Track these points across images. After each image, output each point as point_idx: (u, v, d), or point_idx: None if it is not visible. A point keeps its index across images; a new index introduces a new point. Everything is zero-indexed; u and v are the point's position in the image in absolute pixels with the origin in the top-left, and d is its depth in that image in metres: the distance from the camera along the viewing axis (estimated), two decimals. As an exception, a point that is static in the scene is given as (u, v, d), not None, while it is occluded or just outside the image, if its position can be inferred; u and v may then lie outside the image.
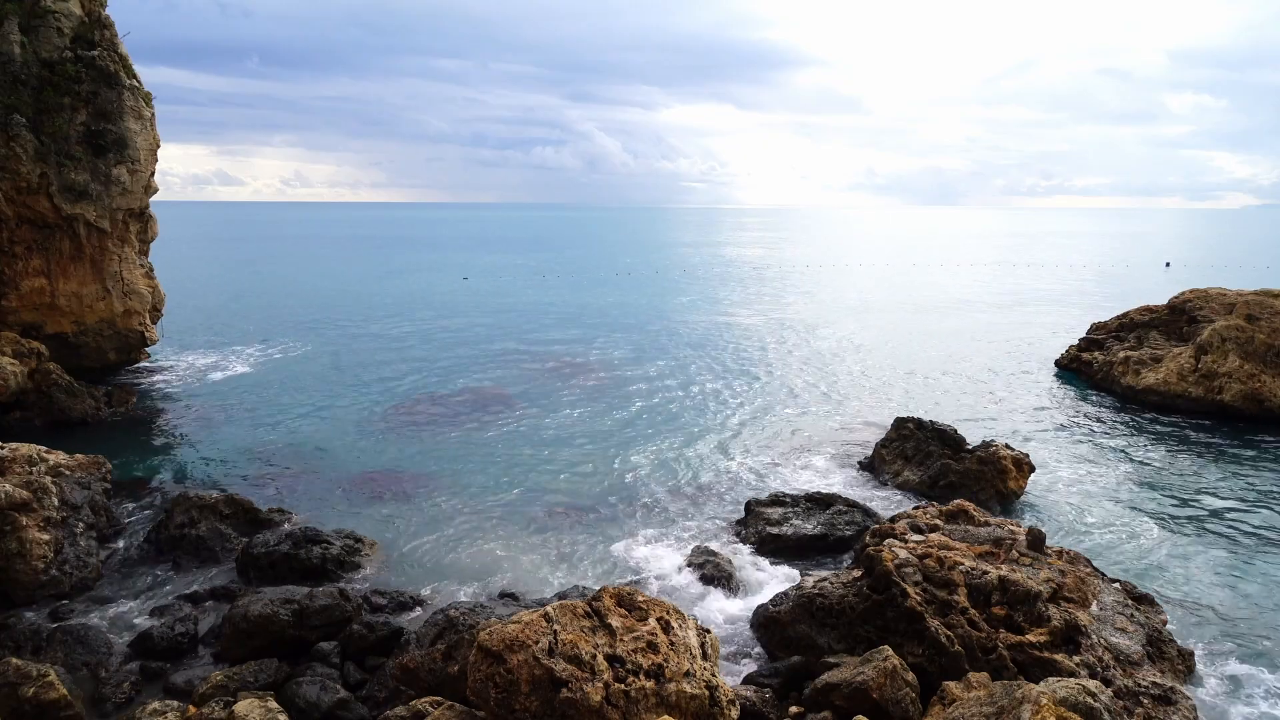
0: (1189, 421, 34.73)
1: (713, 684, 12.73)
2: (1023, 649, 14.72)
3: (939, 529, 18.52)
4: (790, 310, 69.94)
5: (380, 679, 15.72)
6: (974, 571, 16.10)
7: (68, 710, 14.35)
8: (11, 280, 36.64)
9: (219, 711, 13.71)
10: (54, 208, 36.14)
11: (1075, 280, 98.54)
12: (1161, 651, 15.86)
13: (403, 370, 44.28)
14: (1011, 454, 26.37)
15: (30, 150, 34.92)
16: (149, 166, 39.22)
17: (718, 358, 48.39)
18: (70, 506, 21.09)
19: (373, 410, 36.09)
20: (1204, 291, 43.11)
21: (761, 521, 22.83)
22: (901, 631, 15.46)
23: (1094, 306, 68.82)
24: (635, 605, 13.53)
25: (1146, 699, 14.14)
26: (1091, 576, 17.37)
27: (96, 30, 37.63)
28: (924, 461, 27.14)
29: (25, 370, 33.19)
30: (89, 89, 36.63)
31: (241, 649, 16.73)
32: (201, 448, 30.70)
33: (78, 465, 22.85)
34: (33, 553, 18.93)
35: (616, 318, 64.56)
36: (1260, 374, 34.88)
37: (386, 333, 56.37)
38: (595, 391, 39.90)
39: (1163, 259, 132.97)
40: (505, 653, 12.14)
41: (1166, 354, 39.00)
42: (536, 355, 48.91)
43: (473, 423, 34.17)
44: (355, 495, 26.05)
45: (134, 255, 40.37)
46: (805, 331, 58.09)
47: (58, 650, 16.40)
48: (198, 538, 21.68)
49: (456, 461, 29.18)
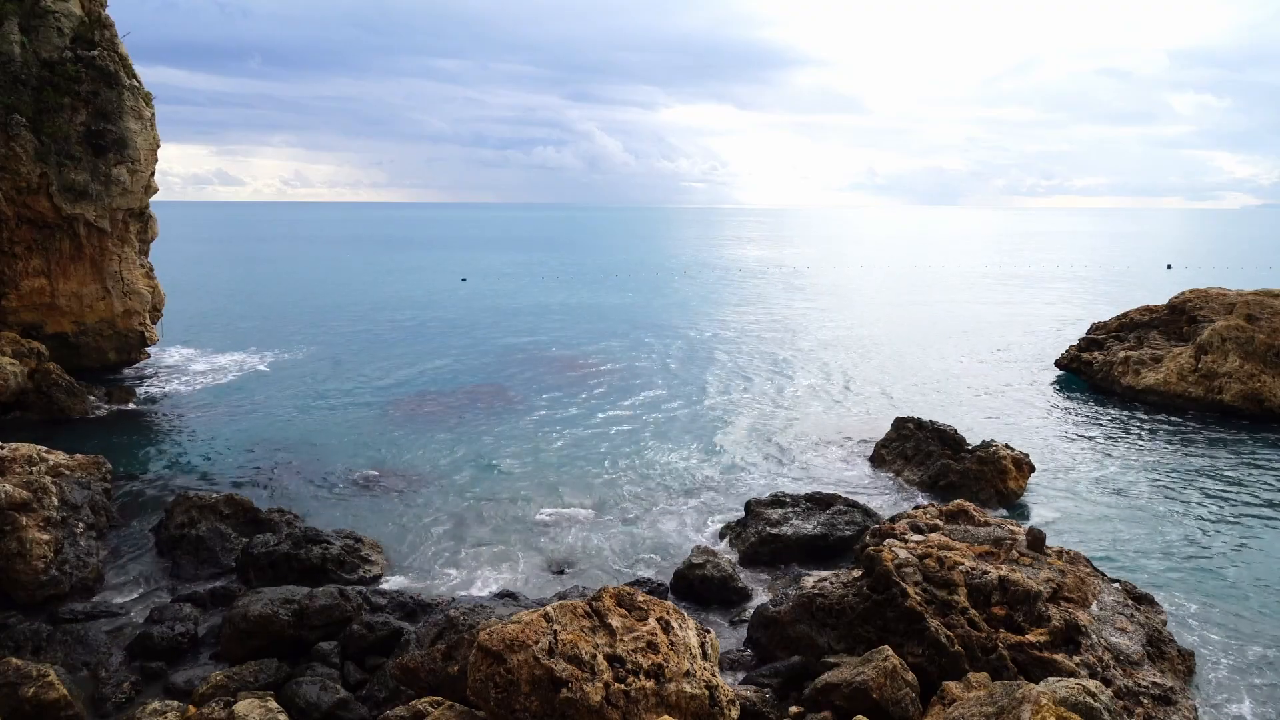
0: (1189, 422, 34.73)
1: (713, 684, 12.72)
2: (1023, 649, 14.71)
3: (939, 529, 18.51)
4: (790, 310, 69.93)
5: (380, 679, 15.71)
6: (974, 571, 16.09)
7: (68, 710, 14.35)
8: (11, 280, 36.65)
9: (219, 711, 13.71)
10: (54, 208, 36.14)
11: (1075, 280, 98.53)
12: (1161, 651, 15.85)
13: (403, 370, 44.28)
14: (1011, 454, 26.37)
15: (30, 150, 34.93)
16: (149, 166, 39.23)
17: (718, 358, 48.40)
18: (70, 506, 21.08)
19: (373, 410, 36.09)
20: (1204, 291, 43.10)
21: (761, 521, 22.82)
22: (901, 631, 15.45)
23: (1094, 307, 68.84)
24: (635, 605, 13.53)
25: (1146, 699, 14.14)
26: (1091, 576, 17.37)
27: (96, 30, 37.64)
28: (924, 461, 27.13)
29: (25, 370, 33.19)
30: (89, 89, 36.64)
31: (241, 649, 16.72)
32: (201, 447, 30.70)
33: (78, 465, 22.84)
34: (33, 553, 18.92)
35: (617, 318, 64.57)
36: (1260, 374, 34.88)
37: (386, 333, 56.37)
38: (595, 392, 39.89)
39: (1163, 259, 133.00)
40: (505, 653, 12.13)
41: (1167, 354, 39.00)
42: (536, 355, 48.92)
43: (473, 423, 34.17)
44: (355, 495, 26.05)
45: (134, 255, 40.37)
46: (805, 332, 58.09)
47: (58, 650, 16.41)
48: (198, 538, 21.66)
49: (456, 461, 29.18)
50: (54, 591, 19.01)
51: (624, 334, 56.59)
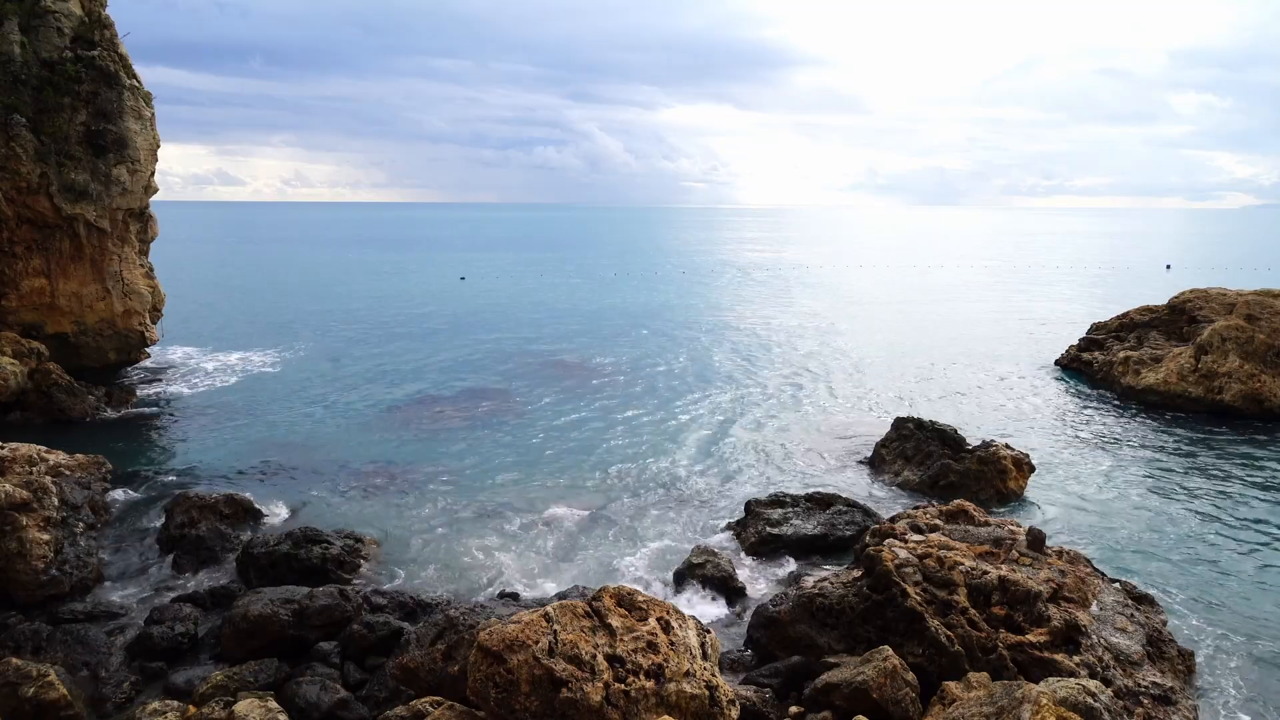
0: (1189, 421, 34.72)
1: (713, 684, 12.73)
2: (1023, 649, 14.72)
3: (939, 529, 18.51)
4: (790, 310, 69.93)
5: (380, 679, 15.71)
6: (974, 571, 16.10)
7: (68, 710, 14.35)
8: (11, 280, 36.66)
9: (219, 711, 13.71)
10: (54, 208, 36.14)
11: (1075, 280, 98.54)
12: (1161, 651, 15.85)
13: (402, 370, 44.28)
14: (1011, 454, 26.38)
15: (30, 150, 34.93)
16: (149, 166, 39.24)
17: (717, 357, 48.40)
18: (70, 506, 21.09)
19: (372, 410, 36.10)
20: (1204, 291, 43.10)
21: (761, 521, 22.83)
22: (901, 631, 15.45)
23: (1094, 306, 68.83)
24: (635, 605, 13.53)
25: (1146, 699, 14.14)
26: (1091, 576, 17.36)
27: (96, 30, 37.65)
28: (924, 461, 27.13)
29: (25, 370, 33.19)
30: (89, 89, 36.64)
31: (241, 649, 16.73)
32: (201, 447, 30.70)
33: (78, 465, 22.86)
34: (33, 553, 18.92)
35: (617, 317, 64.56)
36: (1260, 374, 34.88)
37: (386, 332, 56.36)
38: (595, 391, 39.89)
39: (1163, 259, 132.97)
40: (505, 653, 12.13)
41: (1167, 354, 39.00)
42: (535, 355, 48.91)
43: (472, 422, 34.17)
44: (355, 495, 26.05)
45: (134, 255, 40.39)
46: (805, 331, 58.08)
47: (58, 650, 16.41)
48: (198, 538, 21.68)
49: (456, 461, 29.18)
50: (54, 591, 19.02)
51: (624, 333, 56.59)
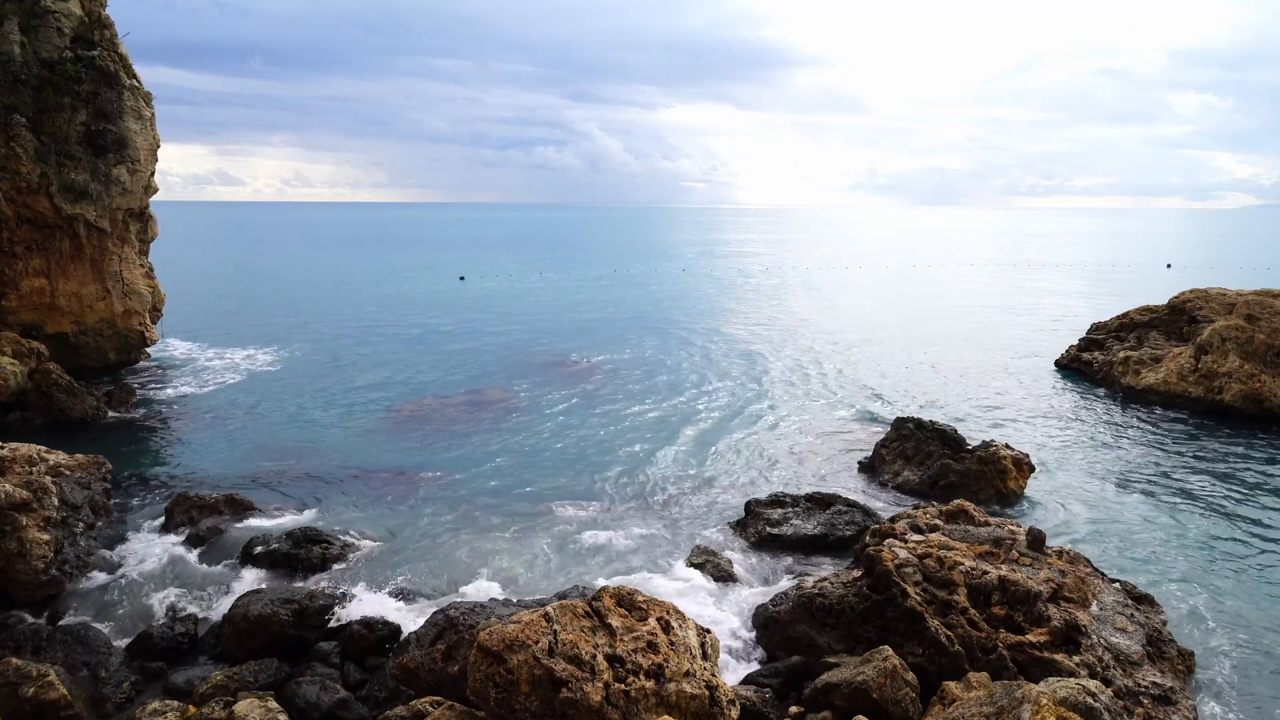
0: (1189, 422, 34.72)
1: (713, 684, 12.73)
2: (1023, 649, 14.72)
3: (939, 529, 18.52)
4: (790, 310, 69.92)
5: (380, 679, 15.72)
6: (974, 571, 16.10)
7: (68, 710, 14.35)
8: (11, 280, 36.65)
9: (219, 711, 13.71)
10: (54, 208, 36.14)
11: (1075, 280, 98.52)
12: (1161, 651, 15.85)
13: (402, 369, 44.28)
14: (1011, 454, 26.37)
15: (30, 150, 34.92)
16: (149, 166, 39.23)
17: (718, 358, 48.39)
18: (70, 506, 21.08)
19: (372, 409, 36.09)
20: (1204, 291, 43.10)
21: (761, 521, 22.83)
22: (901, 631, 15.46)
23: (1094, 306, 68.81)
24: (635, 605, 13.53)
25: (1146, 699, 14.15)
26: (1091, 576, 17.37)
27: (96, 30, 37.64)
28: (924, 461, 27.13)
29: (25, 370, 33.19)
30: (89, 89, 36.63)
31: (241, 649, 16.73)
32: (201, 447, 30.70)
33: (78, 465, 22.84)
34: (33, 553, 18.92)
35: (616, 317, 64.55)
36: (1260, 374, 34.87)
37: (386, 332, 56.35)
38: (594, 391, 39.89)
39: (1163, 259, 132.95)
40: (505, 652, 12.14)
41: (1166, 354, 39.00)
42: (536, 354, 48.91)
43: (472, 422, 34.17)
44: (355, 495, 26.04)
45: (134, 255, 40.38)
46: (805, 331, 58.07)
47: (58, 650, 16.40)
48: (198, 538, 21.69)
49: (456, 461, 29.18)
50: (54, 591, 19.03)
51: (623, 333, 56.57)
